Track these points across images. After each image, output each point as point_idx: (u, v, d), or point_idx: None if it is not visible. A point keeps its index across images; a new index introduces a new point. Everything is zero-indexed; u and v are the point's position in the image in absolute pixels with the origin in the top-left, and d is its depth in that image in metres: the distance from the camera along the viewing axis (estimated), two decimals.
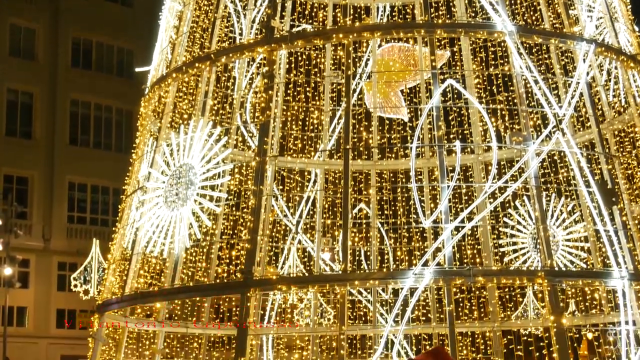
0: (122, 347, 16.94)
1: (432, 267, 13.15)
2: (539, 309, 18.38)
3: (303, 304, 19.36)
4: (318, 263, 18.46)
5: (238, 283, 14.56)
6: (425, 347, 16.55)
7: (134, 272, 16.39)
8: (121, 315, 17.03)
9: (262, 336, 17.44)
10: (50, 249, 42.58)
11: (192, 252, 17.43)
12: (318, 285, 14.86)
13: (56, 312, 42.44)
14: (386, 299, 17.94)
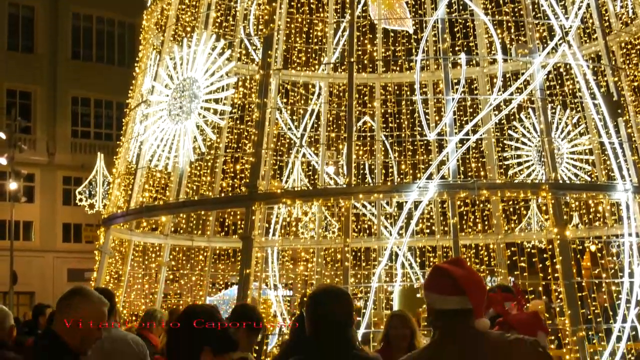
0: (128, 260, 17.10)
1: (437, 180, 13.16)
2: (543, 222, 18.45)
3: (307, 217, 19.45)
4: (322, 176, 18.48)
5: (243, 196, 14.59)
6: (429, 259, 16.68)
7: (139, 186, 16.43)
8: (127, 229, 17.14)
9: (267, 249, 17.56)
10: (55, 164, 42.71)
11: (196, 165, 17.46)
12: (322, 198, 14.87)
13: (62, 226, 42.78)
14: (390, 212, 18.01)
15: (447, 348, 3.97)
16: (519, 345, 4.00)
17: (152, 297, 17.74)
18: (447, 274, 4.02)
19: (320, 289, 4.94)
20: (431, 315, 4.09)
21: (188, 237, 18.31)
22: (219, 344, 4.13)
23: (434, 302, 4.04)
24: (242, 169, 16.49)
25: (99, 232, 17.44)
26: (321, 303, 4.60)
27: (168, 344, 4.19)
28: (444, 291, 3.99)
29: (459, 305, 3.97)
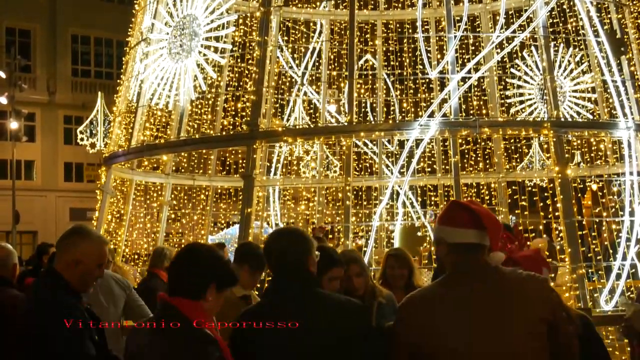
0: (129, 199, 17.13)
1: (438, 119, 13.11)
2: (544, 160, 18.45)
3: (309, 155, 19.45)
4: (324, 115, 18.43)
5: (244, 135, 14.57)
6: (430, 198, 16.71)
7: (140, 124, 16.39)
8: (128, 168, 17.14)
9: (268, 188, 17.58)
10: (56, 103, 42.59)
11: (197, 104, 17.39)
12: (324, 136, 14.85)
13: (63, 166, 42.82)
14: (392, 151, 18.01)
15: (460, 282, 3.95)
16: (533, 282, 4.00)
17: (154, 237, 17.81)
18: (466, 207, 4.02)
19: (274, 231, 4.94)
20: (442, 251, 4.06)
21: (189, 176, 18.33)
22: (222, 280, 4.19)
23: (448, 236, 4.02)
24: (243, 107, 16.41)
25: (101, 171, 17.45)
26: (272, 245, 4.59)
27: (170, 282, 4.21)
28: (462, 224, 3.98)
29: (476, 239, 3.97)
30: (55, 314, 4.49)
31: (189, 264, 4.17)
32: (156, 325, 4.12)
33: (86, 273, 4.75)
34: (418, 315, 4.00)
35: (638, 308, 6.03)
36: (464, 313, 3.88)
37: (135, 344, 4.17)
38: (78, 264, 4.72)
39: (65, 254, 4.78)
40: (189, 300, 4.08)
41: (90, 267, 4.77)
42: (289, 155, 18.58)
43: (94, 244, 4.87)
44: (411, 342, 3.96)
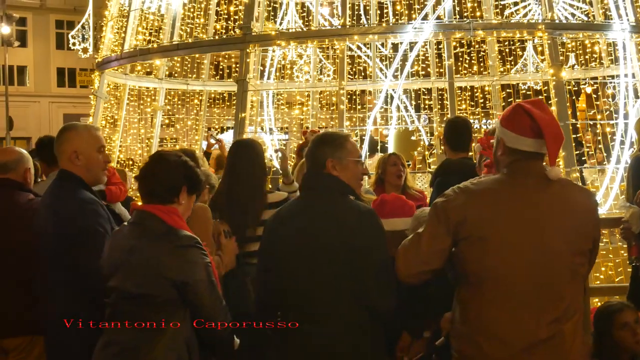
0: (123, 104, 17.09)
1: (432, 21, 13.00)
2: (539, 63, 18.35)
3: (302, 60, 19.31)
4: (317, 18, 18.24)
5: (237, 39, 14.47)
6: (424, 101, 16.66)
7: (132, 29, 16.25)
8: (121, 72, 17.06)
9: (262, 92, 17.53)
10: (47, 7, 42.12)
11: (189, 7, 17.20)
12: (317, 40, 14.74)
13: (56, 71, 42.57)
14: (385, 54, 17.88)
15: (514, 183, 3.90)
16: (588, 197, 4.06)
17: (148, 142, 17.82)
18: (527, 113, 3.92)
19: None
20: (500, 150, 4.02)
21: (183, 81, 18.25)
22: (192, 184, 4.30)
23: (507, 138, 3.96)
24: (235, 10, 16.24)
25: (94, 76, 17.38)
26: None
27: (143, 190, 4.26)
28: (521, 130, 3.91)
29: (533, 148, 3.91)
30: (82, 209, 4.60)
31: (159, 170, 4.23)
32: (136, 231, 4.17)
33: (89, 161, 4.81)
34: (475, 202, 3.92)
35: (636, 210, 6.07)
36: (518, 209, 3.86)
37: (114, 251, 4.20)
38: (78, 155, 4.77)
39: (63, 152, 4.83)
40: (163, 205, 4.15)
41: (91, 154, 4.83)
42: (282, 59, 18.44)
43: (84, 131, 4.94)
44: (460, 221, 3.90)
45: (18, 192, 5.55)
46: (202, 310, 4.06)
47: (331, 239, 4.33)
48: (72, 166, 4.77)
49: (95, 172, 4.86)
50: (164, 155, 4.38)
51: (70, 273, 4.54)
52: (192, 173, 4.31)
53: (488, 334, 3.85)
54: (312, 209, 4.51)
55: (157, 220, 4.11)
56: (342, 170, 4.57)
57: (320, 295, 4.32)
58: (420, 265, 4.00)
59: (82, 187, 4.74)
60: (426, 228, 4.01)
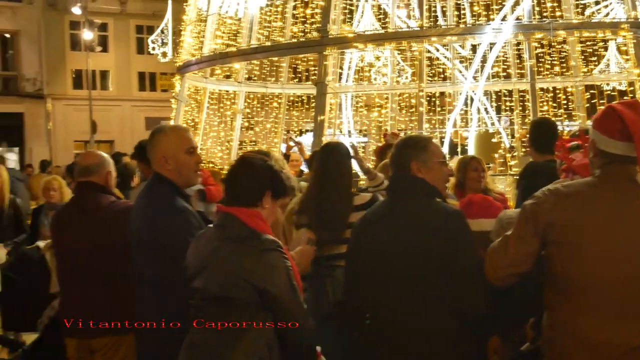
0: (203, 108, 17.28)
1: (511, 21, 12.85)
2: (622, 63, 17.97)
3: (380, 61, 19.25)
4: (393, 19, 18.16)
5: (314, 42, 14.52)
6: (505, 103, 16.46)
7: (211, 33, 16.42)
8: (202, 76, 17.24)
9: (340, 95, 17.53)
10: (127, 12, 42.74)
11: (266, 11, 17.30)
12: (395, 42, 14.70)
13: (137, 75, 43.22)
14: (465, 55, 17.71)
15: (606, 187, 3.80)
16: None
17: (227, 145, 17.98)
18: (618, 115, 3.79)
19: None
20: (592, 152, 3.94)
21: (262, 84, 18.36)
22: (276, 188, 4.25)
23: (599, 141, 3.86)
24: (312, 13, 16.28)
25: (174, 80, 17.61)
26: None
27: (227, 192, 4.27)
28: (611, 134, 3.80)
29: (623, 152, 3.78)
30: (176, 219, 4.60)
31: (244, 173, 4.22)
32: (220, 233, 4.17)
33: (179, 165, 4.79)
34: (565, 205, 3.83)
35: None
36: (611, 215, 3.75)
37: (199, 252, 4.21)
38: (167, 159, 4.76)
39: (154, 156, 4.83)
40: (247, 209, 4.13)
41: (180, 156, 4.80)
42: (360, 61, 18.41)
43: (172, 133, 4.92)
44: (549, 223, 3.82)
45: (100, 195, 5.59)
46: (282, 313, 4.05)
47: (418, 242, 4.31)
48: (164, 170, 4.77)
49: (186, 174, 4.84)
50: (249, 159, 4.35)
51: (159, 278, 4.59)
52: (277, 177, 4.27)
53: (578, 341, 3.76)
54: (399, 211, 4.50)
55: (240, 223, 4.11)
56: (427, 172, 4.55)
57: (407, 299, 4.30)
58: (508, 268, 3.94)
59: (175, 193, 4.74)
60: (514, 230, 3.95)
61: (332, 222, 6.11)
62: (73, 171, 8.49)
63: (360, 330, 4.46)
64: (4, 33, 39.46)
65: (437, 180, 4.61)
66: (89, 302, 5.37)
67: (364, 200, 6.15)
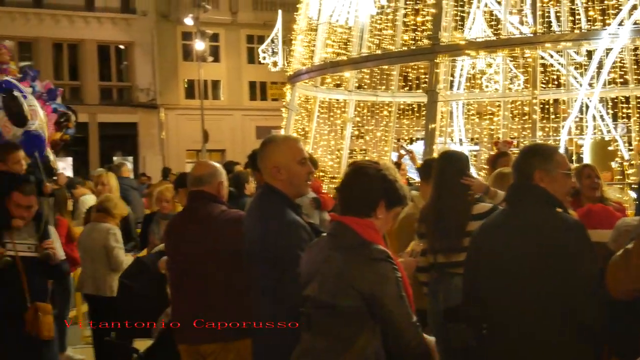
0: (314, 116, 17.37)
1: (628, 26, 12.52)
2: None
3: (492, 69, 19.02)
4: (506, 26, 17.92)
5: (425, 49, 14.45)
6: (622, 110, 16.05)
7: (322, 42, 16.51)
8: (312, 85, 17.35)
9: (451, 103, 17.39)
10: (238, 22, 43.29)
11: (377, 19, 17.29)
12: (507, 49, 14.51)
13: (248, 84, 43.73)
14: (580, 62, 17.35)
15: None
16: None
17: (338, 154, 18.04)
18: None
19: None
20: None
21: (372, 93, 18.37)
22: (391, 198, 4.19)
23: None
24: (423, 21, 16.20)
25: (285, 89, 17.77)
26: None
27: (340, 201, 4.26)
28: None
29: None
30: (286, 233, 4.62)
31: (358, 183, 4.19)
32: (332, 241, 4.17)
33: (291, 175, 4.79)
34: None
35: None
36: None
37: (311, 260, 4.22)
38: (279, 169, 4.77)
39: (265, 167, 4.86)
40: (360, 218, 4.10)
41: (292, 167, 4.79)
42: (471, 68, 18.22)
43: (283, 144, 4.93)
44: None
45: (212, 204, 5.67)
46: (390, 324, 4.02)
47: (537, 252, 4.26)
48: (275, 181, 4.79)
49: (298, 185, 4.84)
50: (362, 168, 4.30)
51: (270, 288, 4.64)
52: (392, 187, 4.21)
53: None
54: (519, 220, 4.45)
55: (352, 232, 4.09)
56: (551, 182, 4.47)
57: (524, 310, 4.26)
58: (630, 283, 3.84)
59: (285, 205, 4.74)
60: (637, 243, 3.83)
61: (448, 230, 6.10)
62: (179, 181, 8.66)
63: (478, 339, 4.46)
64: (118, 44, 40.52)
65: (560, 191, 4.53)
66: (198, 309, 5.48)
67: (483, 210, 6.10)
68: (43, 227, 6.91)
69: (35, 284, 6.71)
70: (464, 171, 6.39)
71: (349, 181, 4.25)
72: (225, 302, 5.38)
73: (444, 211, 6.18)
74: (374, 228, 4.13)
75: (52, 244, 6.79)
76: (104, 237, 8.87)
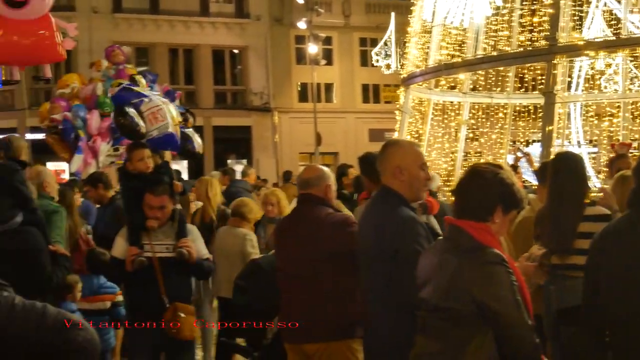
0: (428, 119, 17.29)
1: None
2: None
3: (611, 69, 18.57)
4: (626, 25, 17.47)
5: (542, 50, 14.24)
6: None
7: (436, 44, 16.42)
8: (426, 87, 17.27)
9: (569, 104, 17.05)
10: (351, 25, 43.38)
11: (492, 20, 17.09)
12: (628, 48, 14.15)
13: (361, 87, 43.78)
14: None
15: None
16: None
17: (452, 156, 17.92)
18: None
19: None
20: None
21: (487, 95, 18.17)
22: (508, 202, 4.12)
23: None
24: (540, 21, 15.93)
25: (399, 91, 17.75)
26: None
27: (456, 204, 4.21)
28: None
29: None
30: (403, 227, 4.69)
31: (475, 186, 4.13)
32: (447, 245, 4.14)
33: (412, 178, 4.86)
34: None
35: None
36: None
37: (427, 264, 4.21)
38: (402, 170, 4.83)
39: (387, 168, 4.92)
40: (476, 222, 4.05)
41: (414, 170, 4.87)
42: (590, 69, 17.83)
43: (408, 147, 5.06)
44: None
45: (319, 206, 5.80)
46: (504, 328, 3.95)
47: None
48: (395, 182, 4.85)
49: (416, 188, 4.92)
50: (479, 171, 4.23)
51: (388, 288, 4.67)
52: (509, 191, 4.13)
53: None
54: None
55: (467, 236, 4.04)
56: None
57: None
58: None
59: (402, 204, 4.81)
60: None
61: (562, 232, 6.03)
62: None
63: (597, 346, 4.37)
64: (232, 49, 41.11)
65: None
66: (303, 308, 5.63)
67: (597, 212, 5.97)
68: (179, 226, 6.88)
69: (174, 284, 6.70)
70: (581, 172, 6.29)
71: (466, 185, 4.21)
72: (331, 302, 5.51)
73: (558, 213, 6.09)
74: (490, 232, 4.08)
75: (188, 243, 6.75)
76: (240, 242, 8.86)
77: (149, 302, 6.59)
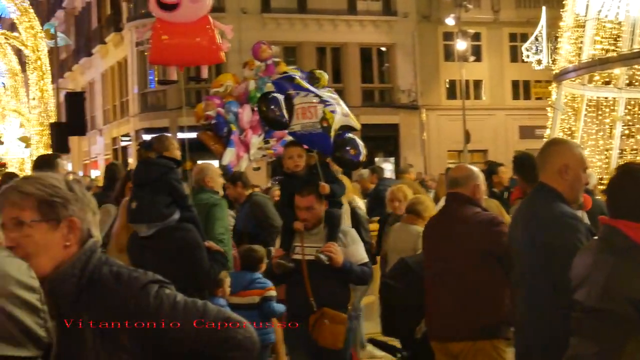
0: (581, 115, 16.90)
1: None
2: None
3: None
4: None
5: None
6: None
7: (590, 38, 16.04)
8: (579, 83, 16.90)
9: None
10: (500, 21, 42.80)
11: None
12: None
13: (511, 84, 43.12)
14: None
15: None
16: None
17: (607, 154, 17.47)
18: None
19: None
20: None
21: None
22: None
23: None
24: None
25: (550, 88, 17.41)
26: None
27: (611, 204, 4.08)
28: None
29: None
30: (566, 223, 4.64)
31: (628, 185, 3.98)
32: (602, 245, 4.00)
33: (576, 179, 4.79)
34: None
35: None
36: None
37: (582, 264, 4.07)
38: (567, 169, 4.76)
39: (551, 164, 4.85)
40: (634, 223, 3.89)
41: (578, 172, 4.80)
42: None
43: (575, 148, 4.99)
44: None
45: (466, 205, 5.81)
46: None
47: None
48: (558, 179, 4.78)
49: (577, 190, 4.85)
50: (633, 169, 4.12)
51: (546, 285, 4.62)
52: None
53: None
54: None
55: (622, 236, 3.91)
56: None
57: None
58: None
59: (560, 201, 4.75)
60: None
61: None
62: None
63: None
64: (380, 47, 41.19)
65: None
66: (449, 306, 5.64)
67: None
68: (329, 229, 6.57)
69: (323, 288, 6.39)
70: None
71: (620, 183, 4.08)
72: (478, 301, 5.52)
73: None
74: None
75: (331, 247, 6.35)
76: (414, 240, 8.71)
77: (297, 304, 6.51)
